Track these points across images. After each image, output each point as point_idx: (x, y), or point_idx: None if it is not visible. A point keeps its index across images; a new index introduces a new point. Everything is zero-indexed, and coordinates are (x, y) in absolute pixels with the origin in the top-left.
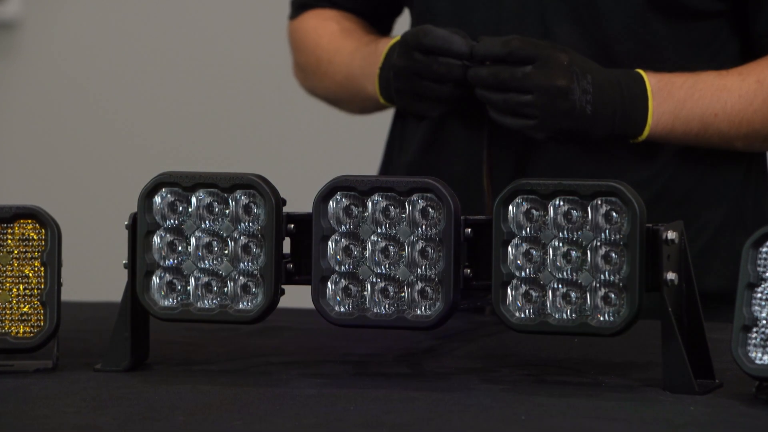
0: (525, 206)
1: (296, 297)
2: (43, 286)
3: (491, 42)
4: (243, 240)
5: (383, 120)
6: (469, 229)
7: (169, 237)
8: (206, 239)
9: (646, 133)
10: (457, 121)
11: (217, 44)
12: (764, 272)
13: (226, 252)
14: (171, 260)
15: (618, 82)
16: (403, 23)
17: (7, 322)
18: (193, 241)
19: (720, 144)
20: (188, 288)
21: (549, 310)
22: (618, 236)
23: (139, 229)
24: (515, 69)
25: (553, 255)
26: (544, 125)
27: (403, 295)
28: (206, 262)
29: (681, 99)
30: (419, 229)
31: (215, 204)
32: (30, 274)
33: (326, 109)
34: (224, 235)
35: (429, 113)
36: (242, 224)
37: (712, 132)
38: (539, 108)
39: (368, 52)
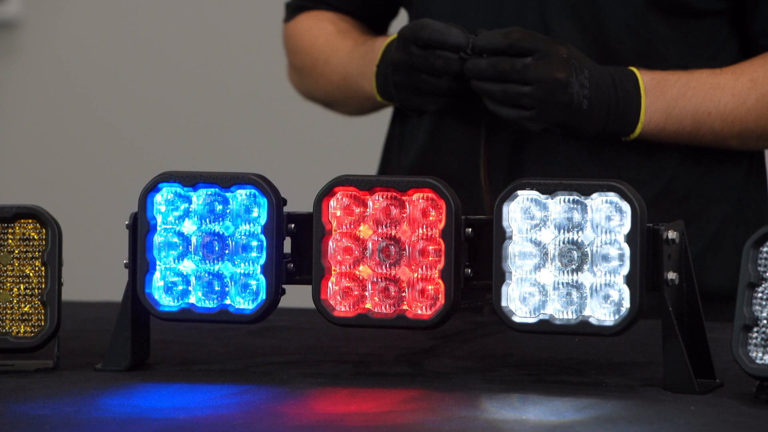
0: (525, 205)
1: (296, 297)
2: (43, 286)
3: (491, 34)
4: (243, 239)
5: (382, 121)
6: (470, 229)
7: (169, 236)
8: (207, 239)
9: (638, 130)
10: (455, 118)
11: (218, 44)
12: (765, 272)
13: (227, 251)
14: (171, 260)
15: (612, 79)
16: (398, 26)
17: (7, 321)
18: (193, 240)
19: (713, 142)
20: (188, 288)
21: (549, 310)
22: (618, 236)
23: (140, 228)
24: (515, 60)
25: (554, 254)
26: (540, 117)
27: (403, 294)
28: (207, 261)
29: (674, 97)
30: (420, 228)
31: (216, 203)
32: (31, 274)
33: (326, 110)
34: (225, 234)
35: (427, 107)
36: (243, 224)
37: (705, 130)
38: (537, 99)
39: (365, 50)
